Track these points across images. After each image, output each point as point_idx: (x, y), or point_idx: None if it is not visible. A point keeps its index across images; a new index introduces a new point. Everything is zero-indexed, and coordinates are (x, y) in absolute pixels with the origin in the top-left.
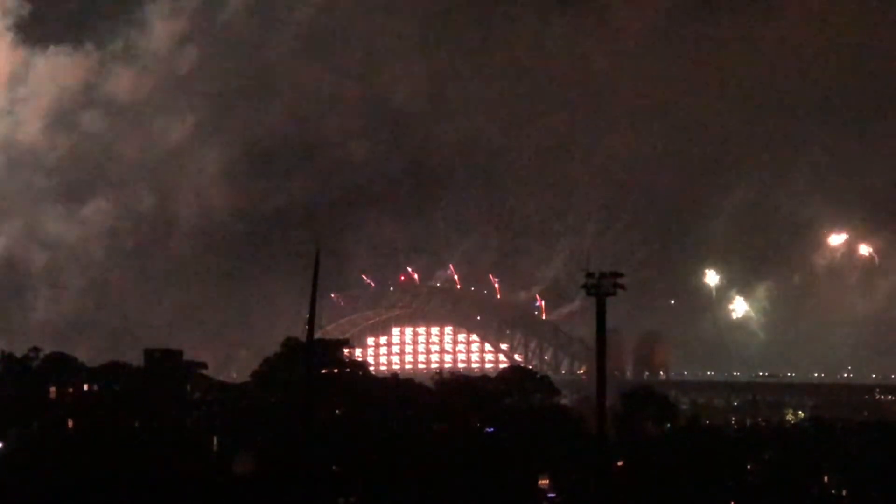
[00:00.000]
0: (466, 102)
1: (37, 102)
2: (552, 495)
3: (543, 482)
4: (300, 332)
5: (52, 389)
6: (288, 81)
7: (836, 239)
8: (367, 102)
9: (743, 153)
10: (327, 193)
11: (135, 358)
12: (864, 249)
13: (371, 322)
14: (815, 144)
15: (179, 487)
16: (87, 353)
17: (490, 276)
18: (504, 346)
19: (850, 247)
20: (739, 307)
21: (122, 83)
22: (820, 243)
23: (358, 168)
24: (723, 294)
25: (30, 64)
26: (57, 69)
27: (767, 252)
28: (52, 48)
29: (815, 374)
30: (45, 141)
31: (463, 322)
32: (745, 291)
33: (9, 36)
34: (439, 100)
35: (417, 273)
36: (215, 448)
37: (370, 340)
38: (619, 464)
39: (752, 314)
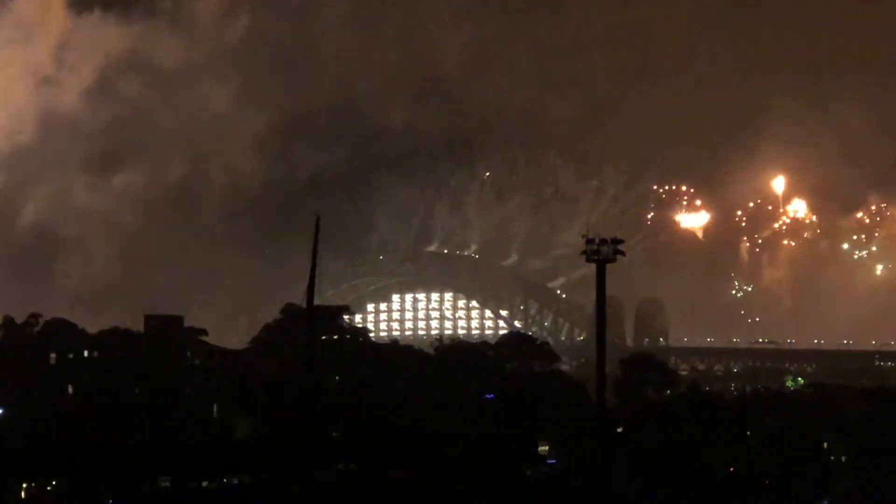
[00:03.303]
0: (506, 70)
1: (81, 69)
2: (552, 461)
3: (543, 448)
4: (301, 299)
5: (53, 356)
6: (332, 48)
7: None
8: (407, 69)
9: (771, 118)
10: (363, 160)
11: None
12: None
13: (372, 289)
14: (848, 108)
15: (179, 453)
16: (110, 320)
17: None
18: (504, 313)
19: (882, 211)
20: None
21: (169, 50)
22: (848, 208)
23: (395, 135)
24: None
25: (76, 29)
26: (103, 35)
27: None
28: (98, 13)
29: (816, 341)
30: (86, 109)
31: (463, 288)
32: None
33: None
34: (480, 67)
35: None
36: (215, 414)
37: (370, 307)
38: (619, 430)
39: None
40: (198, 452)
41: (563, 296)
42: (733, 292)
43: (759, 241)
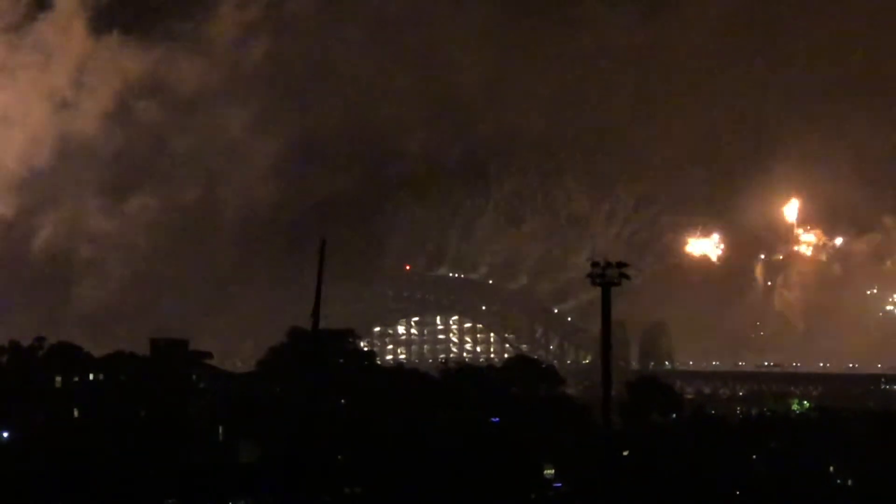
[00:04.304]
0: (522, 93)
1: (100, 93)
2: (558, 485)
3: (549, 471)
4: (307, 322)
5: (58, 379)
6: (347, 72)
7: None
8: (423, 92)
9: (785, 140)
10: (376, 184)
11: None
12: None
13: (378, 312)
14: (862, 129)
15: (184, 476)
16: (118, 344)
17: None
18: (510, 336)
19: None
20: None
21: (187, 73)
22: (862, 231)
23: (409, 159)
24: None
25: (96, 52)
26: (122, 58)
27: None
28: (117, 36)
29: (822, 365)
30: (102, 133)
31: (469, 312)
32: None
33: (84, 16)
34: (496, 90)
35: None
36: (220, 437)
37: (377, 330)
38: (625, 453)
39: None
40: (203, 475)
41: (570, 319)
42: (759, 334)
43: (772, 265)
